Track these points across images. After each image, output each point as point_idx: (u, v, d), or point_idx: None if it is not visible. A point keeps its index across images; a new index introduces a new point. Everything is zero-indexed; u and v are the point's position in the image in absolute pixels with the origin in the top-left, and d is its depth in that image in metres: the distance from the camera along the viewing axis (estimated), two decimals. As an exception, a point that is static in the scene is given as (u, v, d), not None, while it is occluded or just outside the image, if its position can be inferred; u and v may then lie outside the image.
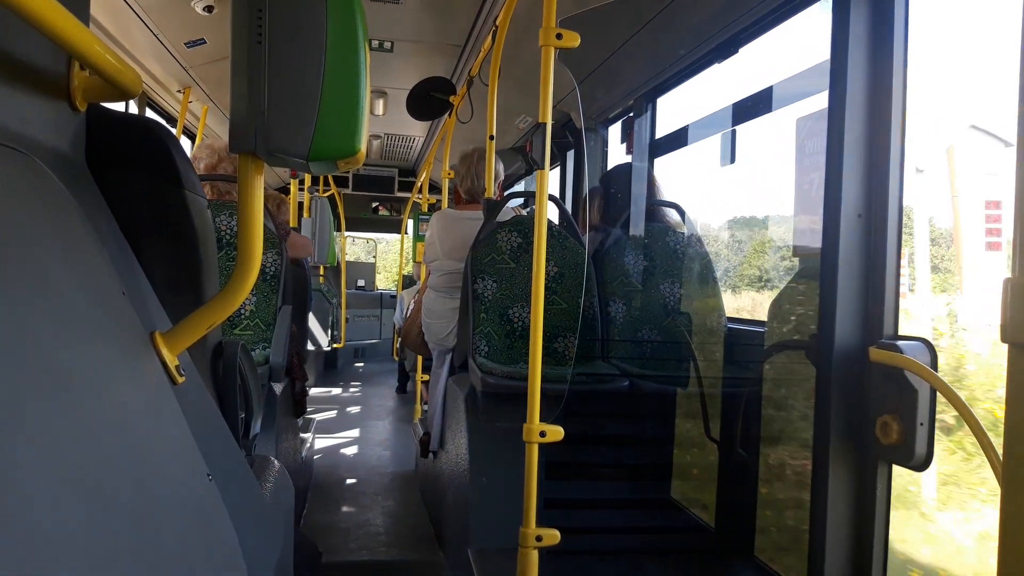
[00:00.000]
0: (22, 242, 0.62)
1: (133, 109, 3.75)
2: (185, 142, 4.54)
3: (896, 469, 1.54)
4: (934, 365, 1.45)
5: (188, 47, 3.38)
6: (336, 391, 6.69)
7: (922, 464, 1.44)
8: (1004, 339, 0.98)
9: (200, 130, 4.34)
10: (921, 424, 1.42)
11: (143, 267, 0.90)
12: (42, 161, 0.72)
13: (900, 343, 1.49)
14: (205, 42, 3.33)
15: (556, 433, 1.60)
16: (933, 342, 1.49)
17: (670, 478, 2.41)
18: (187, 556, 0.68)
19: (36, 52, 0.75)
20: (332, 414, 5.60)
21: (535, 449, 1.61)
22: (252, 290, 0.93)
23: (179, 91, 3.93)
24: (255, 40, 0.75)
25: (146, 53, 3.39)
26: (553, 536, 1.60)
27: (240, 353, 1.13)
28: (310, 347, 5.77)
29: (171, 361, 0.80)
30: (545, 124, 1.63)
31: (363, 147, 0.80)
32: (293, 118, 0.75)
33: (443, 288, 2.98)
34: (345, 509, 3.32)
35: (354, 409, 5.87)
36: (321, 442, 4.53)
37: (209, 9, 2.97)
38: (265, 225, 2.29)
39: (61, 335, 0.62)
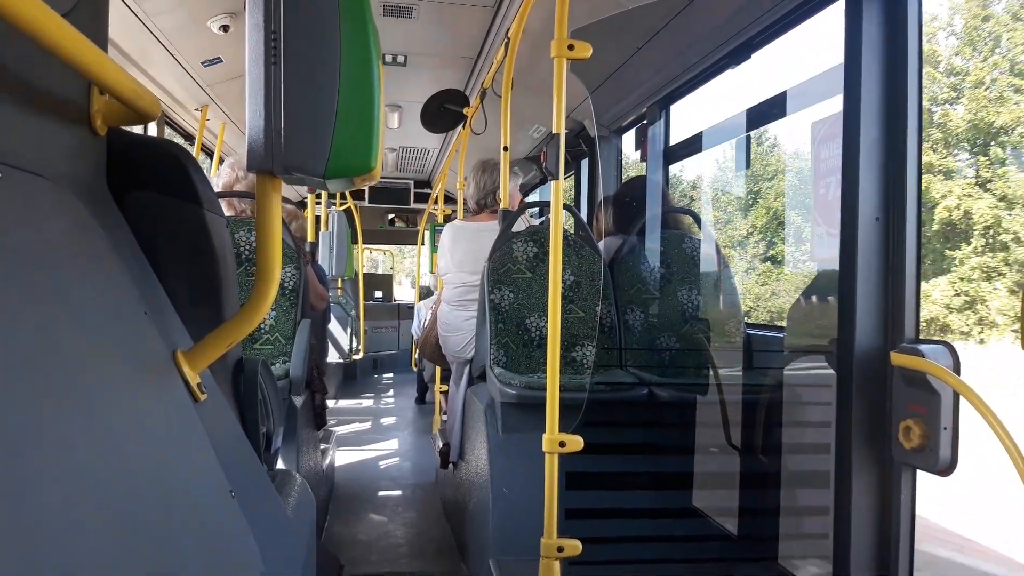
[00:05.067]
0: (47, 266, 0.63)
1: (152, 127, 3.81)
2: (203, 159, 4.59)
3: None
4: (957, 369, 1.43)
5: (205, 66, 3.43)
6: (356, 402, 6.72)
7: (947, 468, 1.42)
8: None
9: (218, 148, 4.39)
10: (945, 428, 1.40)
11: (164, 286, 0.92)
12: (64, 186, 0.73)
13: (922, 347, 1.48)
14: (222, 61, 3.38)
15: (575, 443, 1.59)
16: None
17: (691, 486, 2.39)
18: (208, 573, 0.69)
19: (56, 79, 0.76)
20: (352, 426, 5.62)
21: (555, 459, 1.60)
22: (271, 305, 0.94)
23: (197, 109, 3.99)
24: (270, 61, 0.76)
25: (164, 73, 3.44)
26: (575, 546, 1.59)
27: (260, 369, 1.14)
28: (330, 359, 5.79)
29: (193, 379, 0.81)
30: (558, 135, 1.63)
31: (378, 164, 0.80)
32: (309, 137, 0.76)
33: (456, 301, 2.98)
34: (366, 521, 3.33)
35: (374, 420, 5.89)
36: (342, 454, 4.54)
37: (225, 28, 3.01)
38: (283, 239, 2.30)
39: (85, 355, 0.63)
